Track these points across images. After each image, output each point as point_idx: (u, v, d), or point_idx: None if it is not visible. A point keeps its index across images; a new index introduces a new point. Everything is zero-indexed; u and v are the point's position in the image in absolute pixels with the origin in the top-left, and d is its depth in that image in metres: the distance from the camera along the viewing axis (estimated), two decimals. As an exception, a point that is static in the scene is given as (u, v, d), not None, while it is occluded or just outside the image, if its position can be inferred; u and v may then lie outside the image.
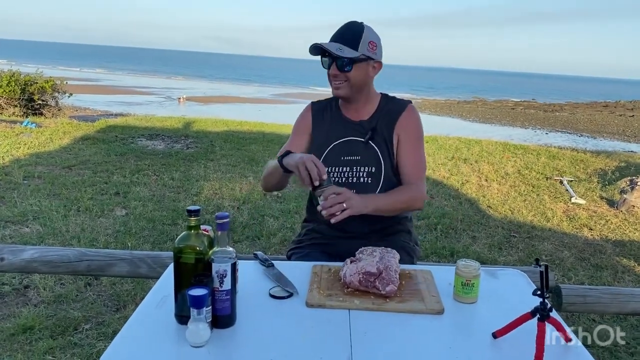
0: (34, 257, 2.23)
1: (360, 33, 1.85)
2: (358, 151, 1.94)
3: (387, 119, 1.95)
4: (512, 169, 7.94)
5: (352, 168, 1.93)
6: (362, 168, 1.93)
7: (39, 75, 12.14)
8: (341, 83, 1.89)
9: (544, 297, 1.25)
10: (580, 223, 5.36)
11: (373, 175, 1.92)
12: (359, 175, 1.93)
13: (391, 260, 1.55)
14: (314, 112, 2.06)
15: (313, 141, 2.02)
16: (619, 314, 2.61)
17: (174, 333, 1.30)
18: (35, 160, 6.69)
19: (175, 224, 4.60)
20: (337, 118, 2.01)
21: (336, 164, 1.94)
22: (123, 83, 33.73)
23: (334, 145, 1.97)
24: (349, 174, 1.93)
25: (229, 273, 1.29)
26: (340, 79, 1.88)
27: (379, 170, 1.92)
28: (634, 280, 4.01)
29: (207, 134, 9.64)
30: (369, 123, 1.96)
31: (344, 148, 1.95)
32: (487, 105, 30.43)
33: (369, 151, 1.93)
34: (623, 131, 19.89)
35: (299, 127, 2.06)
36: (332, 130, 1.99)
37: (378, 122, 1.95)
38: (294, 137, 2.06)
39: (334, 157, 1.95)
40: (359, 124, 1.97)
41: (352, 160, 1.94)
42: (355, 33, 1.85)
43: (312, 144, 2.02)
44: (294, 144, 2.02)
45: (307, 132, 2.04)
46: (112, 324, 2.88)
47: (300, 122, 2.07)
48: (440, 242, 4.50)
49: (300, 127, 2.06)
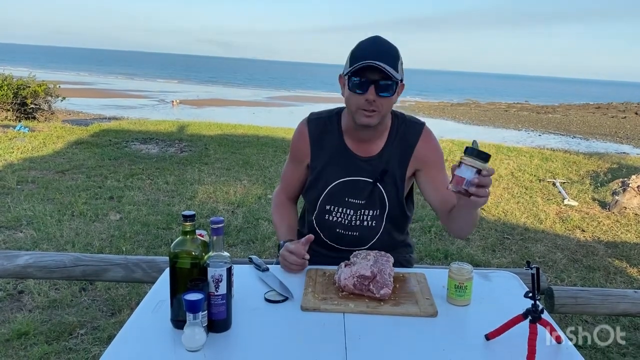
0: (28, 262, 2.23)
1: (397, 52, 1.64)
2: (363, 194, 1.79)
3: (400, 151, 1.77)
4: (505, 171, 7.98)
5: (357, 212, 1.81)
6: (367, 212, 1.81)
7: (31, 79, 12.09)
8: (374, 111, 1.63)
9: (535, 299, 1.27)
10: (573, 225, 5.40)
11: (377, 217, 1.82)
12: (363, 219, 1.82)
13: (385, 264, 1.56)
14: (312, 137, 1.83)
15: (311, 171, 1.85)
16: (610, 314, 2.64)
17: (170, 337, 1.31)
18: (29, 165, 6.67)
19: (169, 228, 4.59)
20: (341, 151, 1.79)
21: (339, 205, 1.81)
22: (116, 86, 33.61)
23: (337, 184, 1.80)
24: (353, 217, 1.82)
25: (224, 278, 1.30)
26: (375, 106, 1.62)
27: (383, 212, 1.81)
28: (626, 281, 4.05)
29: (201, 138, 9.63)
30: (379, 161, 1.77)
31: (349, 189, 1.79)
32: (480, 107, 30.55)
33: (374, 194, 1.78)
34: (615, 132, 20.01)
35: (296, 155, 1.89)
36: (335, 165, 1.80)
37: (390, 160, 1.77)
38: (291, 164, 1.93)
39: (337, 197, 1.81)
40: (367, 162, 1.78)
41: (357, 203, 1.80)
42: (393, 51, 1.62)
43: (310, 173, 1.86)
44: (293, 175, 1.94)
45: (305, 162, 1.86)
46: (107, 329, 2.88)
47: (297, 146, 1.87)
48: (434, 244, 4.52)
49: (297, 153, 1.88)
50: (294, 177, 1.95)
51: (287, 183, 2.00)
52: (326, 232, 1.89)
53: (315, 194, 1.85)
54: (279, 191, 2.04)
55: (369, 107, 1.62)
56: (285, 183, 2.01)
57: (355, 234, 1.84)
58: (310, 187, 1.87)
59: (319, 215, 1.87)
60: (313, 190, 1.86)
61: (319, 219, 1.88)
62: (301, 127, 1.86)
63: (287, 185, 2.00)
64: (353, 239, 1.85)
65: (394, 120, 1.79)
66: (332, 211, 1.83)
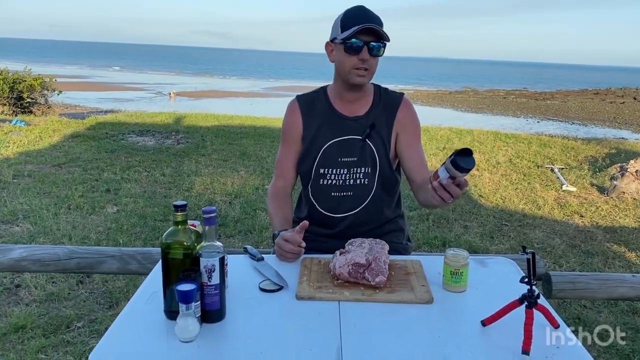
0: (22, 255, 2.21)
1: (379, 17, 1.78)
2: (355, 151, 1.87)
3: (385, 114, 1.89)
4: (504, 158, 7.97)
5: (350, 170, 1.87)
6: (359, 169, 1.87)
7: (27, 73, 12.03)
8: (367, 70, 1.78)
9: (531, 285, 1.26)
10: (571, 210, 5.40)
11: (369, 175, 1.88)
12: (357, 177, 1.88)
13: (380, 251, 1.55)
14: (302, 109, 1.94)
15: (304, 140, 1.92)
16: (608, 299, 2.64)
17: (164, 328, 1.30)
18: (25, 159, 6.65)
19: (166, 219, 4.58)
20: (329, 114, 1.90)
21: (333, 166, 1.88)
22: (113, 79, 33.49)
23: (329, 145, 1.88)
24: (347, 176, 1.88)
25: (217, 268, 1.29)
26: (367, 66, 1.77)
27: (374, 170, 1.88)
28: (624, 265, 4.05)
29: (198, 129, 9.60)
30: (367, 119, 1.88)
31: (341, 148, 1.87)
32: (478, 95, 30.47)
33: (365, 150, 1.87)
34: (614, 118, 20.00)
35: (289, 133, 1.96)
36: (326, 128, 1.89)
37: (376, 118, 1.88)
38: (284, 146, 1.99)
39: (331, 158, 1.88)
40: (355, 121, 1.88)
41: (349, 161, 1.87)
42: (379, 17, 1.77)
43: (303, 143, 1.93)
44: (287, 156, 1.97)
45: (298, 136, 1.94)
46: (104, 321, 2.88)
47: (289, 125, 1.95)
48: (432, 232, 4.52)
49: (290, 132, 1.95)
50: (288, 159, 1.98)
51: (282, 169, 2.00)
52: (321, 199, 1.92)
53: (309, 161, 1.91)
54: (275, 181, 2.03)
55: (362, 65, 1.76)
56: (280, 170, 2.01)
57: (350, 193, 1.89)
58: (304, 156, 1.93)
59: (314, 183, 1.92)
60: (307, 158, 1.92)
61: (314, 186, 1.93)
62: (291, 104, 1.98)
63: (283, 171, 2.00)
64: (348, 201, 1.90)
65: (376, 89, 1.94)
66: (327, 174, 1.89)
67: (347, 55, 1.77)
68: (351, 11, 1.78)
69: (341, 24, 1.77)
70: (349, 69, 1.78)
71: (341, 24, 1.77)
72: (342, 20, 1.78)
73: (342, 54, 1.78)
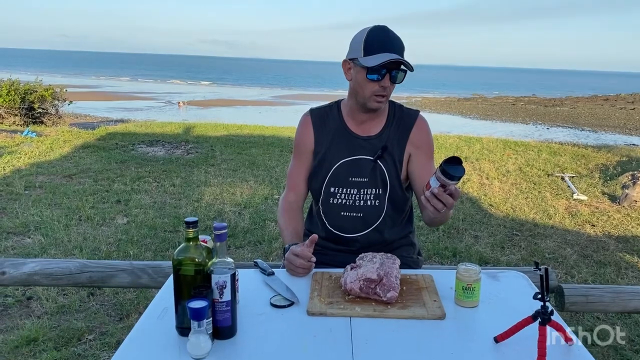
0: (35, 270, 2.23)
1: (401, 40, 1.75)
2: (366, 172, 1.85)
3: (398, 134, 1.86)
4: (513, 166, 7.93)
5: (360, 190, 1.86)
6: (369, 190, 1.86)
7: (38, 83, 12.16)
8: (384, 96, 1.77)
9: (544, 301, 1.25)
10: (583, 219, 5.35)
11: (380, 196, 1.87)
12: (367, 198, 1.86)
13: (392, 267, 1.54)
14: (314, 123, 1.92)
15: (315, 156, 1.91)
16: (621, 312, 2.60)
17: (176, 345, 1.30)
18: (36, 170, 6.71)
19: (176, 230, 4.60)
20: (342, 132, 1.88)
21: (343, 185, 1.87)
22: (122, 89, 33.74)
23: (340, 164, 1.87)
24: (357, 197, 1.87)
25: (228, 284, 1.29)
26: (387, 92, 1.77)
27: (385, 191, 1.86)
28: (638, 276, 4.01)
29: (207, 139, 9.65)
30: (379, 140, 1.85)
31: (352, 168, 1.86)
32: (487, 101, 30.39)
33: (376, 172, 1.85)
34: (624, 124, 19.84)
35: (301, 146, 1.95)
36: (337, 146, 1.88)
37: (389, 139, 1.85)
38: (296, 160, 1.98)
39: (341, 177, 1.87)
40: (367, 141, 1.86)
41: (360, 181, 1.86)
42: (403, 43, 1.74)
43: (314, 159, 1.92)
44: (298, 170, 1.97)
45: (310, 151, 1.93)
46: (115, 334, 2.88)
47: (301, 139, 1.95)
48: (443, 242, 4.49)
49: (302, 146, 1.95)
50: (300, 173, 1.97)
51: (293, 183, 2.00)
52: (331, 217, 1.92)
53: (320, 178, 1.90)
54: (286, 195, 2.03)
55: (382, 92, 1.75)
56: (292, 183, 2.01)
57: (360, 215, 1.88)
58: (314, 172, 1.92)
59: (324, 201, 1.91)
60: (318, 176, 1.91)
61: (324, 204, 1.92)
62: (304, 117, 1.97)
63: (294, 184, 2.00)
64: (358, 222, 1.89)
65: (390, 107, 1.90)
66: (337, 193, 1.88)
67: (368, 81, 1.74)
68: (375, 34, 1.72)
69: (364, 46, 1.71)
70: (369, 94, 1.76)
71: (364, 45, 1.71)
72: (365, 42, 1.71)
73: (363, 79, 1.74)
